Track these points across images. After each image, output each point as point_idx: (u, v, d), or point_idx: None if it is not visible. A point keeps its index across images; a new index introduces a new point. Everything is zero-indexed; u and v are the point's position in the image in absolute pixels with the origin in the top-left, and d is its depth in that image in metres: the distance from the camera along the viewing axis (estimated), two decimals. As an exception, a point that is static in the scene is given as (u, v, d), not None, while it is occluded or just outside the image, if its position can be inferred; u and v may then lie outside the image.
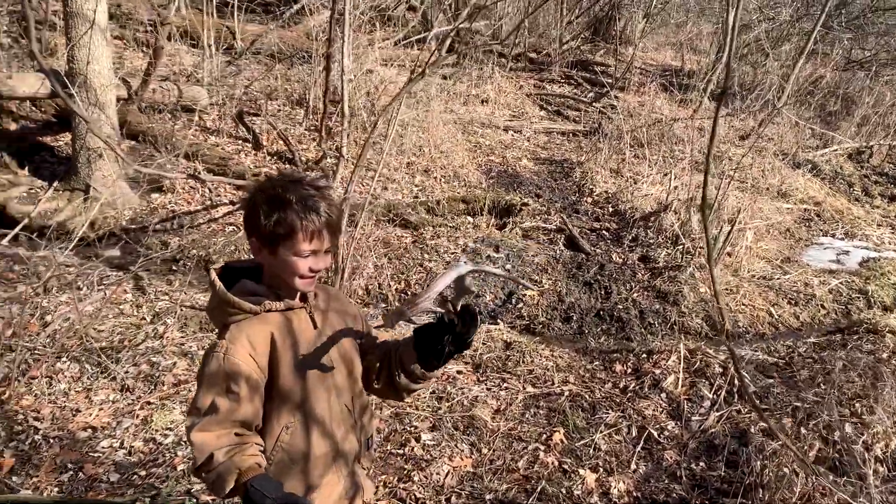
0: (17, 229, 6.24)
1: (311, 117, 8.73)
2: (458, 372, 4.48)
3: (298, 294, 1.83)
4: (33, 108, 8.02)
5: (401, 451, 3.66)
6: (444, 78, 11.02)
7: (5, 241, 6.01)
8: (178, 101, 8.21)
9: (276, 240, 1.72)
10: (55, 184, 6.91)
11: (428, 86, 9.57)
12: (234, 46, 10.12)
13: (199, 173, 6.94)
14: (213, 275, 1.80)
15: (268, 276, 1.81)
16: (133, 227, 6.62)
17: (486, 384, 4.37)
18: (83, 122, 6.31)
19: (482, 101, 11.21)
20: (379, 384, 1.95)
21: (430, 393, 4.19)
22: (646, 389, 4.35)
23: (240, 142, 8.13)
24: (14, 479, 3.40)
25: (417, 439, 3.75)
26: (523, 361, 4.64)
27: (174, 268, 6.15)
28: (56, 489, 3.36)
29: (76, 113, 6.13)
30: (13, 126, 7.88)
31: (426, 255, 6.44)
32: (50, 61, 7.75)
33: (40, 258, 5.66)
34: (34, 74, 6.91)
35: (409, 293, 5.97)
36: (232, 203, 6.96)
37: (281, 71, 9.79)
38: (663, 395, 4.30)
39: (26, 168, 7.25)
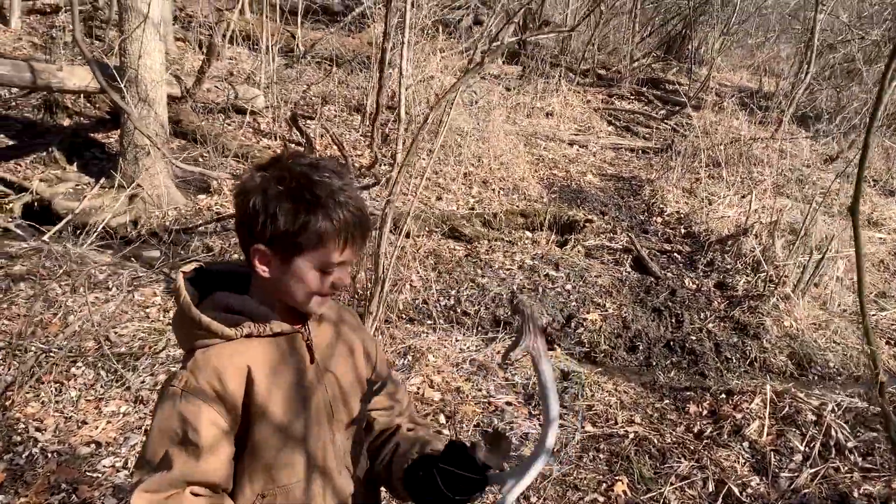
0: (60, 225, 6.04)
1: (366, 123, 8.38)
2: (508, 403, 3.97)
3: (297, 315, 1.39)
4: (87, 105, 7.90)
5: (436, 493, 3.17)
6: (508, 89, 10.57)
7: (47, 237, 5.80)
8: (233, 101, 7.97)
9: (298, 249, 1.29)
10: (101, 180, 6.71)
11: (489, 94, 9.14)
12: (294, 50, 9.90)
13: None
14: (180, 280, 1.36)
15: (262, 289, 1.37)
16: (176, 227, 6.35)
17: (538, 419, 3.84)
18: (130, 118, 6.07)
19: (547, 114, 10.72)
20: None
21: (475, 425, 3.69)
22: (725, 436, 3.75)
23: (292, 145, 7.83)
24: (0, 497, 3.04)
25: (456, 479, 3.25)
26: (582, 395, 4.10)
27: (213, 272, 5.83)
28: (45, 511, 2.99)
29: (119, 105, 5.89)
30: (67, 122, 7.76)
31: (479, 271, 5.96)
32: (111, 60, 7.62)
33: (74, 255, 5.41)
34: (85, 68, 6.74)
35: (459, 310, 5.49)
36: (278, 207, 6.62)
37: (340, 76, 9.51)
38: (745, 444, 3.70)
39: (75, 164, 7.09)
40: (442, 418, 3.75)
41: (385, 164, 7.29)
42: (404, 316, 5.26)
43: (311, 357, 1.40)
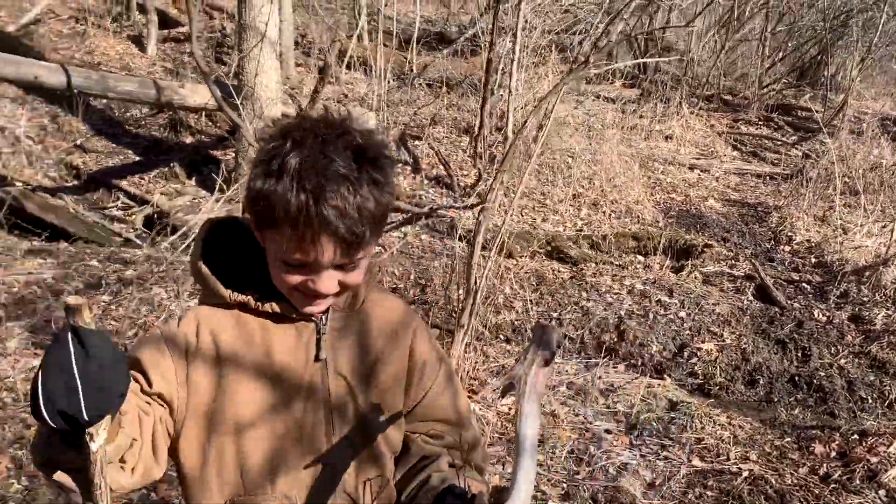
0: (174, 236, 6.26)
1: (475, 144, 8.29)
2: (607, 431, 3.65)
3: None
4: (209, 123, 8.23)
5: (520, 521, 2.90)
6: (623, 111, 10.22)
7: (164, 246, 6.02)
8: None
9: (259, 223, 1.09)
10: (216, 194, 6.92)
11: (602, 112, 8.84)
12: (406, 73, 10.00)
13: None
14: (204, 226, 1.21)
15: None
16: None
17: (640, 450, 3.50)
18: (244, 133, 6.23)
19: (666, 137, 10.27)
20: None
21: (568, 452, 3.40)
22: (857, 481, 3.27)
23: (399, 165, 7.83)
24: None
25: (543, 508, 2.99)
26: (691, 427, 3.72)
27: (314, 285, 5.84)
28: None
29: (233, 121, 6.05)
30: (189, 139, 8.11)
31: (584, 294, 5.65)
32: (231, 80, 7.93)
33: (182, 263, 5.55)
34: (207, 87, 7.01)
35: (561, 333, 5.20)
36: (382, 224, 6.59)
37: (451, 99, 9.50)
38: (882, 491, 3.21)
39: (194, 179, 7.37)
40: (533, 442, 3.48)
41: (487, 184, 7.13)
42: (502, 335, 5.04)
43: (318, 353, 1.18)
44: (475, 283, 3.72)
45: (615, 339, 5.13)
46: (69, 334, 0.83)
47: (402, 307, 1.33)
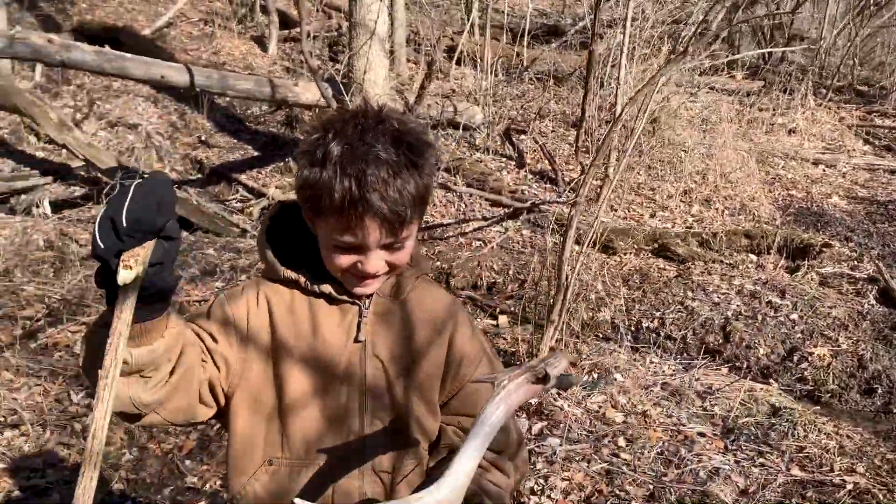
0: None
1: (582, 139, 8.16)
2: (700, 434, 3.52)
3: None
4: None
5: (601, 520, 2.87)
6: (741, 103, 9.76)
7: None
8: (451, 117, 8.16)
9: (309, 211, 1.17)
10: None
11: (718, 104, 8.48)
12: (516, 67, 9.96)
13: (450, 184, 6.72)
14: (272, 208, 1.30)
15: None
16: (387, 234, 6.59)
17: (734, 455, 3.36)
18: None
19: (789, 131, 9.72)
20: None
21: (657, 453, 3.32)
22: (979, 504, 3.01)
23: (504, 159, 7.83)
24: (187, 462, 3.25)
25: (626, 508, 2.93)
26: (793, 435, 3.53)
27: (415, 278, 5.94)
28: (220, 482, 3.14)
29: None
30: (304, 136, 8.43)
31: (689, 293, 5.46)
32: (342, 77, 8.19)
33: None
34: (323, 84, 7.27)
35: (663, 333, 5.06)
36: (484, 218, 6.62)
37: (560, 92, 9.39)
38: None
39: (306, 173, 7.67)
40: (622, 441, 3.42)
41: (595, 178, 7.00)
42: (600, 333, 4.96)
43: (357, 335, 1.24)
44: (566, 278, 3.68)
45: (720, 341, 4.94)
46: (136, 177, 0.94)
47: (446, 299, 1.35)
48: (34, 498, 2.78)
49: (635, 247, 6.26)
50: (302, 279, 1.23)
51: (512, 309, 5.28)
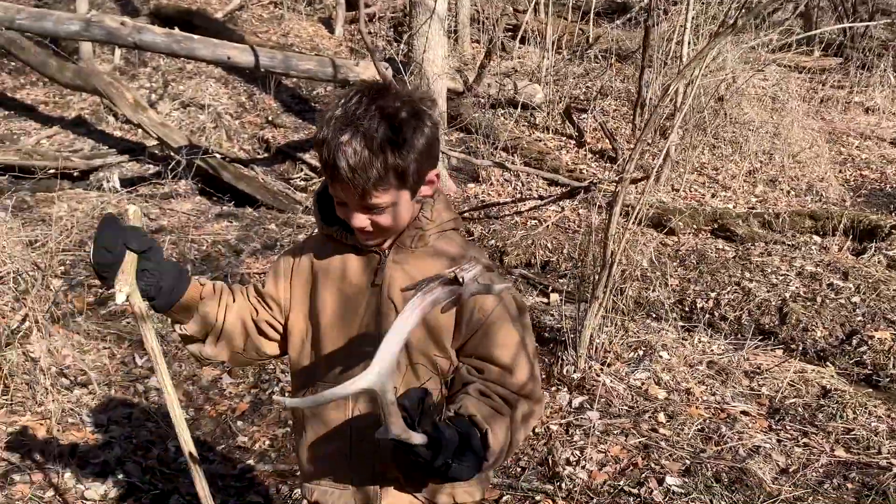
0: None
1: (633, 116, 8.04)
2: (743, 412, 3.50)
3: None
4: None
5: (634, 491, 2.90)
6: (812, 81, 9.41)
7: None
8: (512, 96, 8.16)
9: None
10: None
11: (788, 82, 8.20)
12: (578, 45, 9.86)
13: (507, 163, 6.74)
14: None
15: None
16: (443, 212, 6.67)
17: (777, 434, 3.33)
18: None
19: (866, 110, 9.34)
20: None
21: (697, 429, 3.31)
22: None
23: (563, 138, 7.80)
24: (239, 423, 3.43)
25: (660, 481, 2.95)
26: (841, 416, 3.46)
27: (469, 255, 6.02)
28: (268, 443, 3.31)
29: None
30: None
31: (747, 274, 5.36)
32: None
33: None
34: (381, 63, 7.38)
35: (717, 314, 5.00)
36: (540, 198, 6.63)
37: (623, 69, 9.26)
38: None
39: (367, 152, 7.81)
40: (662, 416, 3.43)
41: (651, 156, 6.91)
42: (652, 312, 4.93)
43: (374, 279, 1.39)
44: (611, 255, 3.68)
45: (775, 323, 4.85)
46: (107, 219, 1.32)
47: (462, 251, 1.44)
48: (98, 451, 3.00)
49: (694, 227, 6.17)
50: (335, 233, 1.41)
51: (565, 287, 5.31)
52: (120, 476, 2.88)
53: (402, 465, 1.30)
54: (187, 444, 1.41)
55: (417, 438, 1.15)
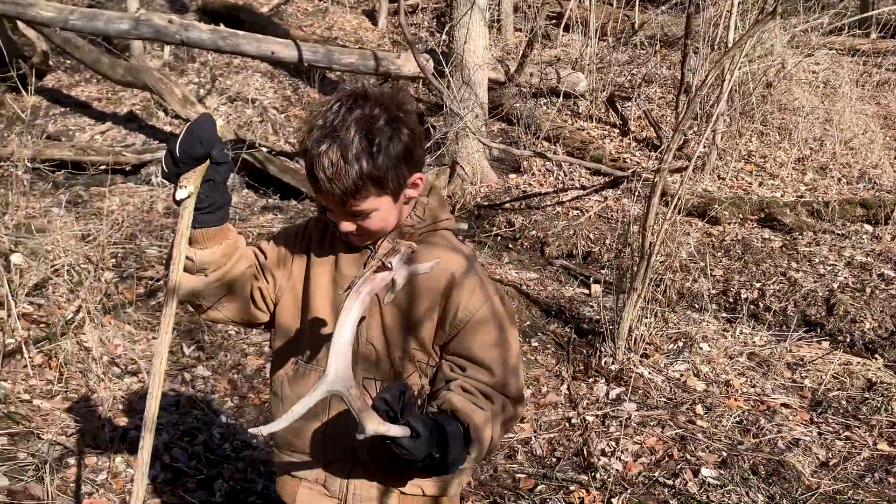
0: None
1: (676, 103, 7.91)
2: (784, 405, 3.45)
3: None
4: (425, 91, 8.69)
5: (669, 482, 2.90)
6: (870, 64, 9.11)
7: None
8: (554, 85, 8.11)
9: None
10: (429, 159, 7.35)
11: (837, 64, 7.97)
12: (622, 32, 9.73)
13: (548, 153, 6.71)
14: None
15: None
16: (485, 203, 6.69)
17: (818, 427, 3.28)
18: (446, 100, 6.54)
19: (926, 92, 9.01)
20: None
21: (735, 422, 3.29)
22: None
23: (607, 127, 7.73)
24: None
25: (696, 472, 2.94)
26: (886, 409, 3.39)
27: (510, 245, 6.03)
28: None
29: (434, 85, 6.37)
30: (408, 107, 8.63)
31: (794, 264, 5.26)
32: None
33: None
34: (422, 56, 7.41)
35: (762, 305, 4.93)
36: (583, 188, 6.59)
37: (668, 56, 9.11)
38: None
39: (409, 144, 7.87)
40: (699, 408, 3.41)
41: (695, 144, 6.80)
42: (695, 303, 4.89)
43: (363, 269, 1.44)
44: (649, 246, 3.66)
45: (822, 314, 4.75)
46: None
47: (452, 256, 1.45)
48: (147, 435, 3.12)
49: (740, 217, 6.06)
50: (331, 225, 1.44)
51: (607, 278, 5.29)
52: (167, 461, 2.99)
53: (384, 460, 1.35)
54: (152, 408, 1.35)
55: (396, 430, 1.20)
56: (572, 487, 2.91)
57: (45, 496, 2.63)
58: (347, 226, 1.37)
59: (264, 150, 7.05)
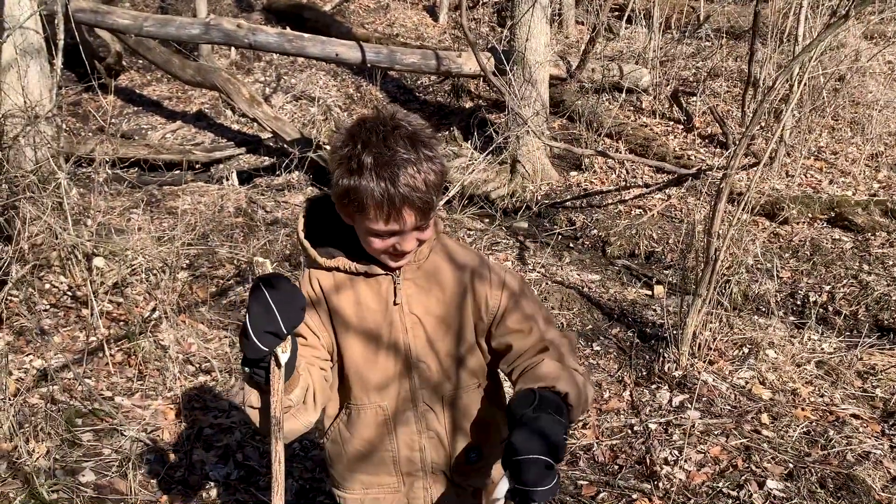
0: (449, 194, 6.84)
1: (743, 99, 7.71)
2: (854, 415, 3.38)
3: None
4: (485, 88, 8.71)
5: (733, 494, 2.88)
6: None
7: (440, 204, 6.63)
8: (617, 80, 8.02)
9: (351, 210, 1.37)
10: (486, 156, 7.37)
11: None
12: (689, 24, 9.53)
13: (610, 150, 6.65)
14: (304, 205, 1.55)
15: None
16: (546, 201, 6.68)
17: (890, 440, 3.21)
18: (507, 99, 6.55)
19: None
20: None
21: (802, 432, 3.24)
22: None
23: (671, 123, 7.60)
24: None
25: (761, 484, 2.91)
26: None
27: (571, 245, 6.02)
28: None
29: (495, 84, 6.38)
30: (468, 104, 8.67)
31: (865, 266, 5.11)
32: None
33: (452, 220, 6.09)
34: (483, 55, 7.43)
35: (831, 309, 4.81)
36: (646, 186, 6.52)
37: (736, 49, 8.89)
38: None
39: (470, 141, 7.90)
40: (765, 418, 3.37)
41: (765, 141, 6.64)
42: (761, 307, 4.80)
43: (395, 298, 1.47)
44: (715, 251, 3.62)
45: (895, 319, 4.61)
46: (259, 282, 1.21)
47: (466, 256, 1.54)
48: (220, 434, 3.25)
49: (809, 216, 5.91)
50: (341, 265, 1.47)
51: (670, 279, 5.23)
52: (240, 459, 3.12)
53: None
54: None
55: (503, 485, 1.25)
56: (634, 496, 2.93)
57: (128, 492, 2.79)
58: (413, 242, 1.40)
59: (328, 148, 7.18)
